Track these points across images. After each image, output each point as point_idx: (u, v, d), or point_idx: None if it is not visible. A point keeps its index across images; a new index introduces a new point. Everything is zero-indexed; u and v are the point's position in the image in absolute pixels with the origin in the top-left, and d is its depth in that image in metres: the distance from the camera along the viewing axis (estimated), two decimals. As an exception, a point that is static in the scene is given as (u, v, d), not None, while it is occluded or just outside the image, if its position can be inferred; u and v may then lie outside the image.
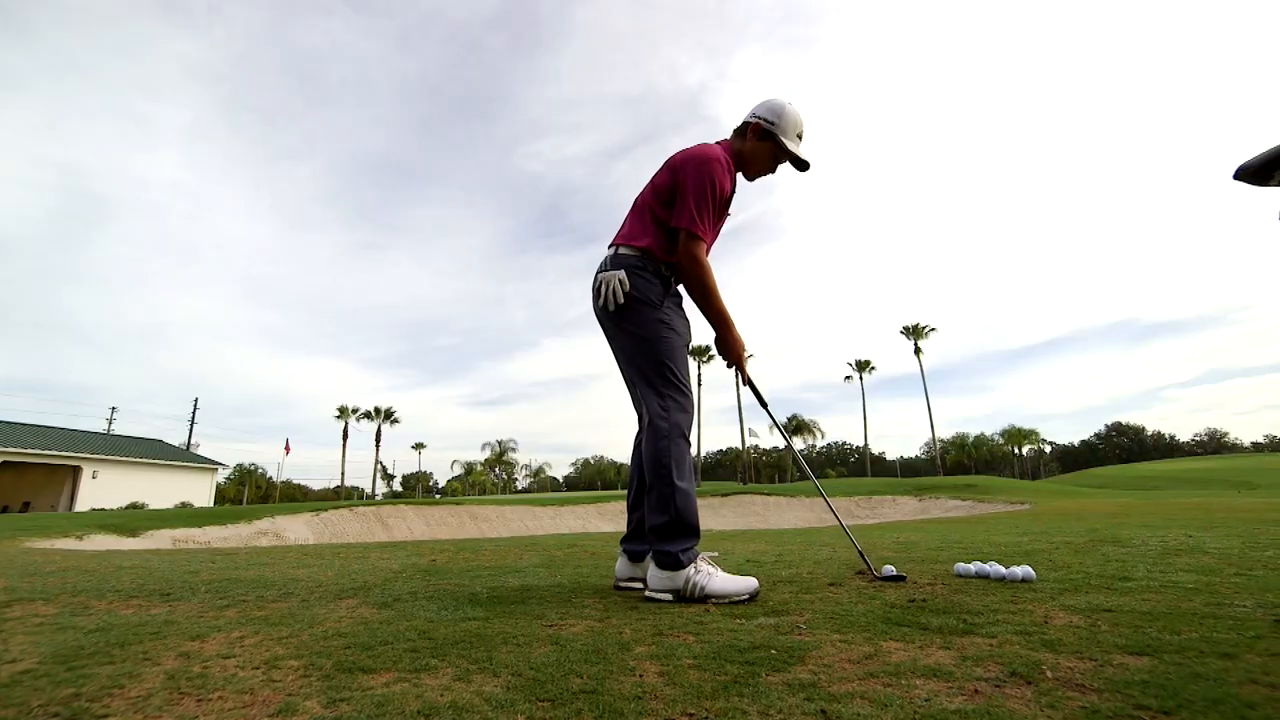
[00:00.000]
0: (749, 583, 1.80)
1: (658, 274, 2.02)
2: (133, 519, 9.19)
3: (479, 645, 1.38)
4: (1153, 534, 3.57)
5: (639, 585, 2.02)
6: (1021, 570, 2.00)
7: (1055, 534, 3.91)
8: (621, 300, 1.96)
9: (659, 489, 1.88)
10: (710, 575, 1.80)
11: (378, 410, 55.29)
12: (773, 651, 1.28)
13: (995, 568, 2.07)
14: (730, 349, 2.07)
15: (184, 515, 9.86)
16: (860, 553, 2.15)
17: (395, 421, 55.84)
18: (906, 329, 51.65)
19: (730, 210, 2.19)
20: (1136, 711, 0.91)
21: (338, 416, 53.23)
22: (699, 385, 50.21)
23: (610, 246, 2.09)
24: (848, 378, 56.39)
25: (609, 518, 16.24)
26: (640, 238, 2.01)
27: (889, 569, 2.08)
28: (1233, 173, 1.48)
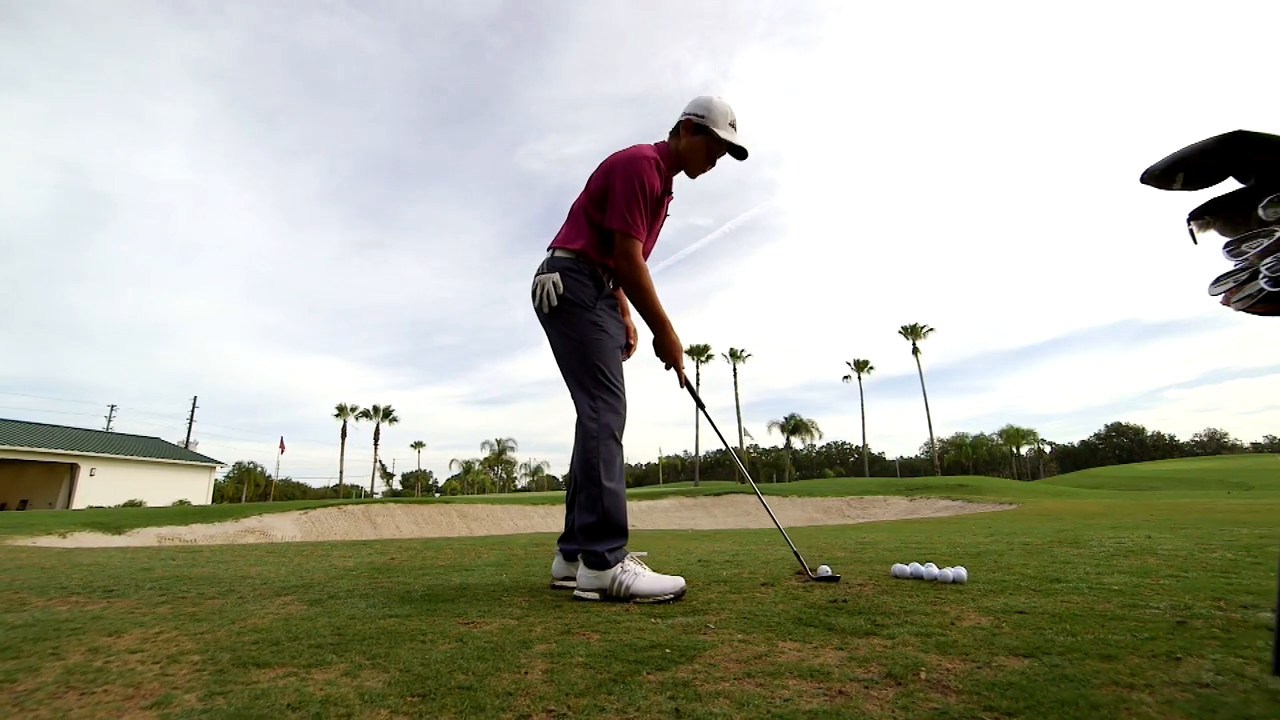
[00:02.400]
0: (675, 583, 1.81)
1: (593, 276, 2.03)
2: (119, 517, 9.22)
3: (385, 642, 1.40)
4: (1116, 535, 3.58)
5: (573, 584, 2.03)
6: (953, 571, 2.01)
7: (1022, 535, 3.91)
8: (555, 302, 1.98)
9: (588, 489, 1.89)
10: (636, 575, 1.82)
11: (376, 409, 55.36)
12: (667, 650, 1.29)
13: (930, 569, 2.07)
14: (667, 350, 2.08)
15: (171, 513, 9.88)
16: (796, 553, 2.16)
17: (394, 420, 55.90)
18: (905, 329, 51.62)
19: (668, 212, 2.20)
20: (983, 713, 0.92)
21: (336, 415, 53.30)
22: (697, 384, 50.12)
23: (548, 250, 2.10)
24: (846, 378, 56.40)
25: (601, 517, 16.24)
26: (575, 240, 2.03)
27: (825, 569, 2.10)
28: (1139, 176, 1.49)
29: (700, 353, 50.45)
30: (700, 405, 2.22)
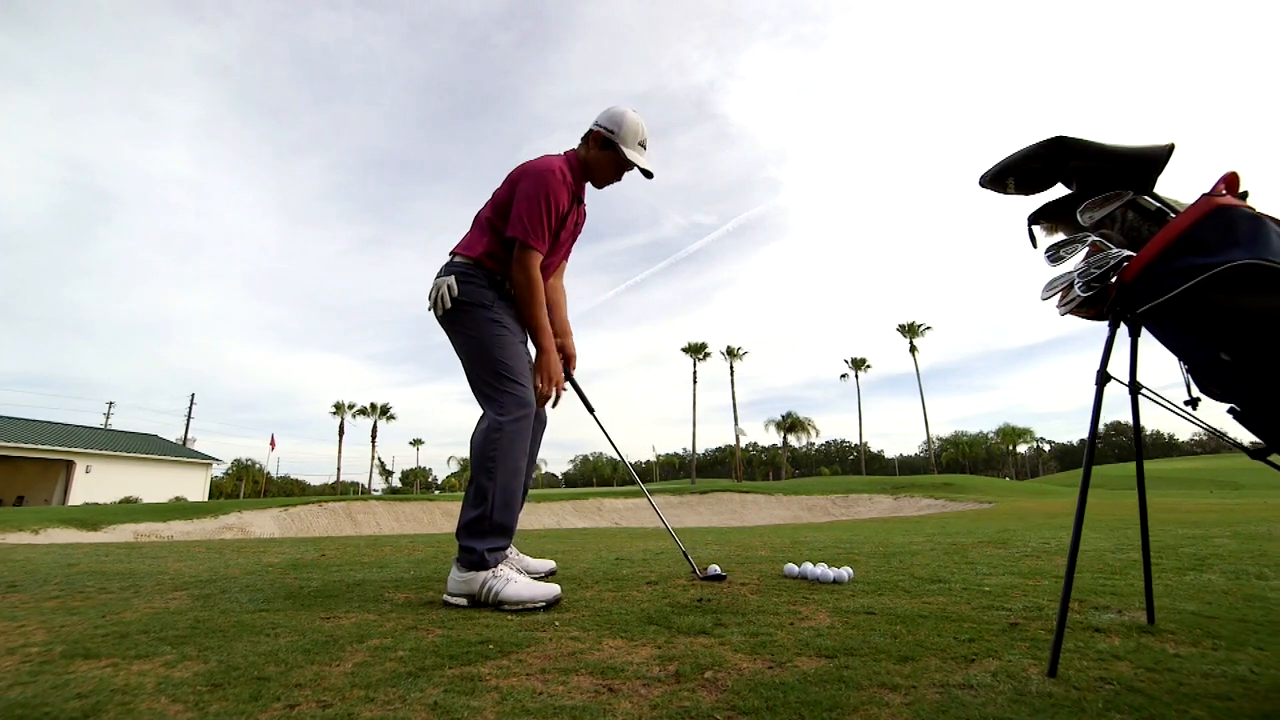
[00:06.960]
0: (547, 590, 1.79)
1: (489, 280, 2.05)
2: (97, 514, 9.28)
3: (230, 635, 1.43)
4: (1050, 535, 3.60)
5: None
6: (834, 572, 2.04)
7: (961, 534, 3.93)
8: (450, 305, 2.00)
9: (479, 481, 1.88)
10: (508, 581, 1.79)
11: (374, 406, 55.49)
12: (490, 646, 1.32)
13: (820, 569, 2.10)
14: (543, 366, 2.11)
15: (151, 510, 9.94)
16: (684, 553, 2.19)
17: (391, 418, 56.05)
18: (903, 327, 51.56)
19: (583, 218, 2.22)
20: (725, 712, 0.95)
21: (334, 412, 53.44)
22: (694, 383, 50.24)
23: (449, 255, 2.13)
24: (844, 376, 56.36)
25: (585, 514, 16.31)
26: (474, 247, 2.05)
27: (714, 569, 2.12)
28: (977, 180, 1.52)
29: (698, 350, 50.50)
30: (590, 409, 2.24)
